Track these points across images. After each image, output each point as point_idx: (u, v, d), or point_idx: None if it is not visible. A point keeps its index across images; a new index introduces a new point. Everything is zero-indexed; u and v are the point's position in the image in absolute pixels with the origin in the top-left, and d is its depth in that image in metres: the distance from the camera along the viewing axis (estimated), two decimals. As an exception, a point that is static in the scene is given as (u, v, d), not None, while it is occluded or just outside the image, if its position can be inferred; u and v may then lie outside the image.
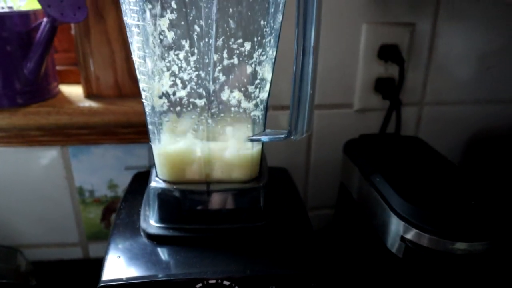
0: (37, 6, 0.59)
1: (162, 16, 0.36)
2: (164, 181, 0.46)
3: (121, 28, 0.59)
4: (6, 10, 0.58)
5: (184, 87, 0.40)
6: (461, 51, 0.69)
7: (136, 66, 0.40)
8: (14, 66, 0.58)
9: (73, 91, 0.67)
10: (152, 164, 0.69)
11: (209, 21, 0.36)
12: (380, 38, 0.65)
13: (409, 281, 0.48)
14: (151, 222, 0.48)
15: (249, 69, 0.39)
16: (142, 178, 0.61)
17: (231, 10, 0.36)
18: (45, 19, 0.55)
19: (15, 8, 0.59)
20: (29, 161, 0.66)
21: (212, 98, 0.40)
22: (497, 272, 0.47)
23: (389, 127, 0.66)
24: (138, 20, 0.37)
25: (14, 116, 0.60)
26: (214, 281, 0.42)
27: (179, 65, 0.38)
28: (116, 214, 0.54)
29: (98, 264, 0.74)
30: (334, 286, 0.45)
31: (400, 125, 0.64)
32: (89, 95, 0.63)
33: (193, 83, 0.39)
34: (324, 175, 0.73)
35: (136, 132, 0.64)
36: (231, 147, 0.44)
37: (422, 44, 0.68)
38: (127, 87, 0.63)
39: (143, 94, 0.42)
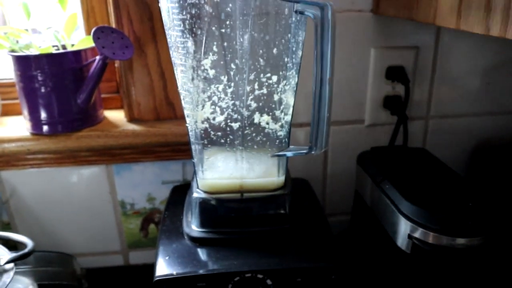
0: (86, 45, 0.68)
1: (205, 57, 0.44)
2: (204, 192, 0.55)
3: (159, 61, 0.68)
4: (61, 50, 0.68)
5: (222, 113, 0.48)
6: (462, 68, 0.76)
7: (182, 97, 0.49)
8: (68, 97, 0.67)
9: (116, 115, 0.76)
10: (186, 179, 0.77)
11: (243, 60, 0.45)
12: (387, 60, 0.73)
13: (416, 274, 0.55)
14: (193, 227, 0.56)
15: (276, 97, 0.48)
16: (179, 190, 0.70)
17: (260, 51, 0.45)
18: (97, 57, 0.64)
19: (68, 47, 0.68)
20: (78, 179, 0.75)
21: (245, 121, 0.48)
22: (492, 264, 0.54)
23: (397, 140, 0.74)
24: (185, 61, 0.46)
25: (69, 140, 0.69)
26: (249, 274, 0.50)
27: (219, 95, 0.47)
28: (161, 222, 0.62)
29: (138, 270, 0.83)
30: (351, 278, 0.53)
31: (407, 138, 0.72)
32: (131, 119, 0.72)
33: (230, 110, 0.48)
34: (340, 185, 0.80)
35: (172, 150, 0.73)
36: (261, 162, 0.52)
37: (426, 64, 0.75)
38: (165, 111, 0.72)
39: (187, 120, 0.51)
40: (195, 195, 0.55)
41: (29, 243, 0.58)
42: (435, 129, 0.80)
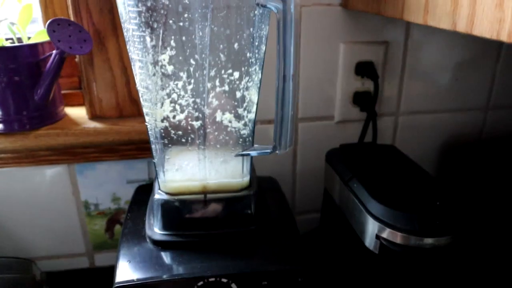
0: (44, 38, 0.65)
1: (163, 52, 0.42)
2: (166, 193, 0.52)
3: (121, 56, 0.65)
4: (16, 43, 0.64)
5: (182, 111, 0.46)
6: (431, 64, 0.76)
7: (140, 94, 0.47)
8: (24, 94, 0.63)
9: (77, 112, 0.72)
10: (152, 178, 0.74)
11: (203, 55, 0.42)
12: (356, 56, 0.72)
13: (384, 274, 0.54)
14: (155, 230, 0.54)
15: (238, 94, 0.46)
16: (144, 190, 0.67)
17: (221, 46, 0.42)
18: (54, 52, 0.61)
19: (24, 40, 0.65)
20: (38, 179, 0.72)
21: (207, 120, 0.46)
22: (460, 263, 0.54)
23: (367, 136, 0.73)
24: (142, 56, 0.43)
25: (26, 138, 0.65)
26: (213, 279, 0.48)
27: (178, 93, 0.45)
28: (123, 224, 0.60)
29: (104, 272, 0.80)
30: (318, 280, 0.51)
31: (377, 134, 0.71)
32: (93, 116, 0.69)
33: (190, 108, 0.45)
34: (310, 182, 0.79)
35: (136, 148, 0.70)
36: (224, 162, 0.50)
37: (395, 60, 0.74)
38: (128, 108, 0.69)
39: (146, 118, 0.48)
40: (156, 196, 0.52)
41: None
42: (404, 126, 0.79)
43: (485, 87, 0.80)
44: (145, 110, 0.47)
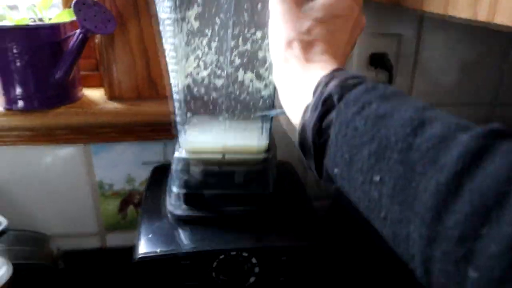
0: (65, 19, 0.66)
1: (190, 9, 0.44)
2: (187, 152, 0.54)
3: (142, 38, 0.67)
4: (38, 22, 0.65)
5: (205, 68, 0.48)
6: (443, 58, 0.78)
7: (166, 53, 0.48)
8: (45, 72, 0.65)
9: (94, 94, 0.74)
10: (168, 160, 0.76)
11: (228, 14, 0.44)
12: (370, 47, 0.74)
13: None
14: (176, 206, 0.55)
15: (260, 54, 0.47)
16: (160, 171, 0.69)
17: (245, 5, 0.44)
18: (78, 31, 0.62)
19: (45, 21, 0.66)
20: (55, 158, 0.73)
21: (229, 79, 0.48)
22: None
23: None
24: (171, 13, 0.45)
25: (45, 116, 0.66)
26: (234, 253, 0.50)
27: (202, 50, 0.47)
28: (142, 202, 0.61)
29: (115, 253, 0.81)
30: (335, 258, 0.53)
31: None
32: (111, 97, 0.70)
33: (213, 65, 0.47)
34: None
35: (152, 130, 0.71)
36: (244, 123, 0.51)
37: (408, 52, 0.76)
38: (146, 90, 0.70)
39: (171, 76, 0.50)
40: (176, 154, 0.53)
41: (3, 220, 0.56)
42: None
43: (493, 83, 0.82)
44: (170, 68, 0.49)
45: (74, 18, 0.65)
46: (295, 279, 0.52)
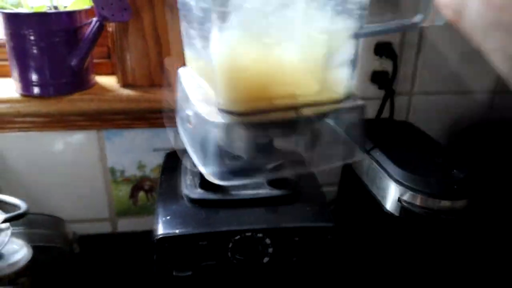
0: (80, 7, 0.67)
1: None
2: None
3: (155, 26, 0.68)
4: (53, 10, 0.66)
5: None
6: (445, 48, 0.80)
7: None
8: (61, 59, 0.66)
9: (106, 81, 0.75)
10: (178, 146, 0.77)
11: None
12: (375, 36, 0.76)
13: (405, 236, 0.58)
14: (191, 189, 0.57)
15: None
16: (173, 157, 0.71)
17: None
18: (95, 19, 0.63)
19: (61, 9, 0.67)
20: (68, 144, 0.74)
21: None
22: (477, 227, 0.59)
23: (384, 113, 0.77)
24: None
25: (60, 103, 0.68)
26: (249, 233, 0.52)
27: None
28: (158, 186, 0.63)
29: (126, 237, 0.83)
30: (346, 240, 0.56)
31: (394, 111, 0.75)
32: (124, 84, 0.72)
33: None
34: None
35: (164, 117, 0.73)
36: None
37: (411, 42, 0.78)
38: (159, 77, 0.72)
39: None
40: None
41: (23, 204, 0.58)
42: (417, 105, 0.83)
43: (495, 71, 0.84)
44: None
45: (88, 6, 0.66)
46: (307, 259, 0.54)
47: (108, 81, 0.75)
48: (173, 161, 0.69)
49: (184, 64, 0.55)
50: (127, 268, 0.78)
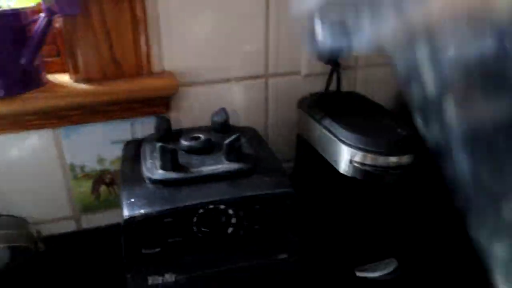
0: (24, 5, 0.67)
1: None
2: None
3: (105, 20, 0.69)
4: (-1, 9, 0.66)
5: None
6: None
7: None
8: (9, 59, 0.66)
9: (59, 78, 0.75)
10: (135, 137, 0.78)
11: None
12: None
13: (359, 193, 0.63)
14: (151, 171, 0.59)
15: None
16: (132, 144, 0.72)
17: None
18: (42, 14, 0.64)
19: (5, 7, 0.67)
20: (24, 144, 0.74)
21: None
22: (423, 181, 0.63)
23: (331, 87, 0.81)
24: None
25: (13, 103, 0.67)
26: (212, 206, 0.55)
27: None
28: (120, 173, 0.64)
29: (92, 234, 0.83)
30: (303, 204, 0.59)
31: (340, 84, 0.79)
32: (77, 80, 0.72)
33: None
34: (281, 133, 0.86)
35: (121, 109, 0.74)
36: None
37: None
38: (112, 71, 0.72)
39: None
40: None
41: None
42: (362, 77, 0.88)
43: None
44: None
45: (34, 4, 0.67)
46: (269, 226, 0.57)
47: (61, 78, 0.75)
48: (133, 149, 0.70)
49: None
50: (93, 264, 0.79)
